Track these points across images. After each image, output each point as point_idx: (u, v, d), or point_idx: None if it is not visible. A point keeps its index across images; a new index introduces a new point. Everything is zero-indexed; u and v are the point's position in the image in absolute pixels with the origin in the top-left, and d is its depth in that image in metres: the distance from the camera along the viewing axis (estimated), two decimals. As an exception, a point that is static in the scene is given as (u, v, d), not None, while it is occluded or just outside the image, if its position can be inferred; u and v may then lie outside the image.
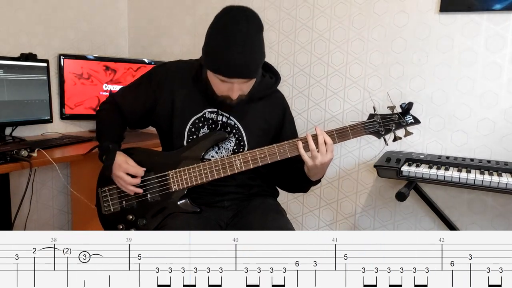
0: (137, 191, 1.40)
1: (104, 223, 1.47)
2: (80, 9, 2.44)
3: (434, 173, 1.64)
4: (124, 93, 1.53)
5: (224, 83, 1.28)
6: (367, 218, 2.14)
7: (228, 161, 1.34)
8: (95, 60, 2.36)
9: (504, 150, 1.82)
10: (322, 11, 2.14)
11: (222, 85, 1.29)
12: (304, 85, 2.22)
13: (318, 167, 1.29)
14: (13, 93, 1.97)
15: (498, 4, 1.75)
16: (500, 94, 1.81)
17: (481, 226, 1.90)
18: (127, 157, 1.41)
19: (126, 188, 1.39)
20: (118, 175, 1.38)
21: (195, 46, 2.52)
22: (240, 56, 1.21)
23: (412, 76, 1.96)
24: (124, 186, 1.39)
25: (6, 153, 1.55)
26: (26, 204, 2.04)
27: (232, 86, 1.28)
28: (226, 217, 1.45)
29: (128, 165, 1.38)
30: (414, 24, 1.93)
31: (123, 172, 1.37)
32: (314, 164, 1.28)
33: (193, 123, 1.42)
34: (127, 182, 1.37)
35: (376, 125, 1.32)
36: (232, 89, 1.28)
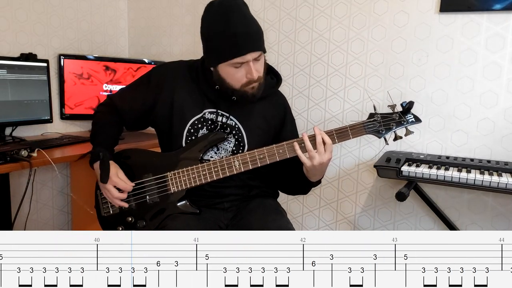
0: (123, 205, 1.39)
1: (104, 225, 1.47)
2: (80, 9, 2.43)
3: (434, 173, 1.63)
4: (122, 94, 1.53)
5: (239, 68, 1.28)
6: (367, 218, 2.14)
7: (227, 162, 1.34)
8: (95, 60, 2.36)
9: (504, 150, 1.82)
10: (322, 11, 2.13)
11: (239, 71, 1.29)
12: (304, 85, 2.22)
13: (317, 168, 1.28)
14: (13, 93, 1.97)
15: (498, 4, 1.75)
16: (500, 94, 1.80)
17: (481, 226, 1.90)
18: (119, 169, 1.40)
19: (111, 201, 1.40)
20: (106, 187, 1.37)
21: (195, 46, 2.52)
22: (245, 27, 1.24)
23: (412, 76, 1.96)
24: (110, 198, 1.39)
25: (6, 153, 1.55)
26: (26, 204, 2.04)
27: (249, 65, 1.28)
28: (226, 218, 1.44)
29: (119, 179, 1.37)
30: (414, 24, 1.93)
31: (111, 185, 1.37)
32: (312, 165, 1.27)
33: (192, 124, 1.41)
34: (113, 196, 1.38)
35: (376, 124, 1.31)
36: (250, 70, 1.28)
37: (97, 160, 1.39)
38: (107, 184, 1.36)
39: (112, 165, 1.39)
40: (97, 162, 1.39)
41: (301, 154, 1.27)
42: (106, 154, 1.40)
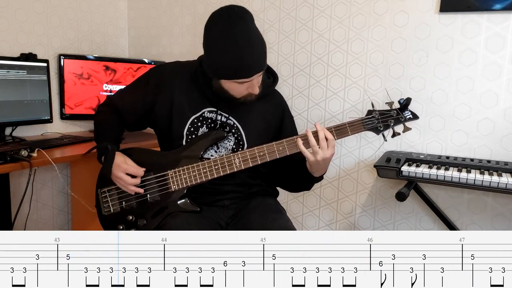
0: (138, 191, 1.39)
1: (104, 224, 1.47)
2: (80, 9, 2.44)
3: (434, 173, 1.63)
4: (121, 95, 1.54)
5: (242, 84, 1.30)
6: (367, 218, 2.14)
7: (227, 160, 1.34)
8: (95, 60, 2.36)
9: (504, 150, 1.82)
10: (322, 11, 2.14)
11: (241, 86, 1.31)
12: (304, 85, 2.22)
13: (320, 163, 1.29)
14: (13, 93, 1.97)
15: (498, 4, 1.75)
16: (500, 94, 1.81)
17: (481, 226, 1.90)
18: (126, 157, 1.41)
19: (126, 189, 1.39)
20: (118, 175, 1.37)
21: (195, 46, 2.52)
22: (252, 53, 1.23)
23: (412, 76, 1.96)
24: (124, 186, 1.39)
25: (6, 153, 1.55)
26: (26, 204, 2.04)
27: (252, 83, 1.30)
28: (226, 216, 1.45)
29: (128, 165, 1.38)
30: (414, 24, 1.93)
31: (123, 173, 1.37)
32: (315, 160, 1.28)
33: (192, 122, 1.42)
34: (127, 182, 1.37)
35: (374, 121, 1.32)
36: (252, 86, 1.31)
37: (105, 153, 1.40)
38: (118, 172, 1.37)
39: (119, 154, 1.40)
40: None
41: (304, 149, 1.28)
42: (113, 146, 1.41)
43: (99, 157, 1.43)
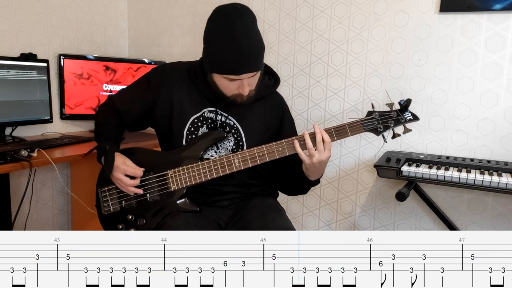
0: (137, 191, 1.39)
1: (104, 223, 1.47)
2: (80, 9, 2.44)
3: (434, 173, 1.63)
4: (122, 95, 1.54)
5: (233, 82, 1.29)
6: (367, 218, 2.14)
7: (227, 160, 1.34)
8: (95, 60, 2.36)
9: (504, 150, 1.82)
10: (322, 11, 2.14)
11: (232, 84, 1.30)
12: (304, 85, 2.22)
13: (316, 166, 1.29)
14: (13, 93, 1.97)
15: (498, 4, 1.75)
16: (500, 94, 1.81)
17: (481, 226, 1.90)
18: (126, 158, 1.41)
19: (126, 190, 1.40)
20: (117, 177, 1.38)
21: (195, 46, 2.52)
22: (247, 51, 1.23)
23: (412, 76, 1.96)
24: (124, 187, 1.39)
25: (6, 153, 1.55)
26: (26, 204, 2.04)
27: (242, 82, 1.29)
28: (226, 216, 1.45)
29: (127, 166, 1.38)
30: (414, 24, 1.93)
31: (122, 174, 1.37)
32: (311, 163, 1.28)
33: (192, 122, 1.42)
34: (126, 183, 1.37)
35: (374, 122, 1.31)
36: (242, 85, 1.30)
37: (104, 153, 1.40)
38: (117, 174, 1.37)
39: (118, 155, 1.40)
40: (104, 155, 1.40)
41: (300, 151, 1.28)
42: (112, 146, 1.41)
43: (99, 158, 1.43)
